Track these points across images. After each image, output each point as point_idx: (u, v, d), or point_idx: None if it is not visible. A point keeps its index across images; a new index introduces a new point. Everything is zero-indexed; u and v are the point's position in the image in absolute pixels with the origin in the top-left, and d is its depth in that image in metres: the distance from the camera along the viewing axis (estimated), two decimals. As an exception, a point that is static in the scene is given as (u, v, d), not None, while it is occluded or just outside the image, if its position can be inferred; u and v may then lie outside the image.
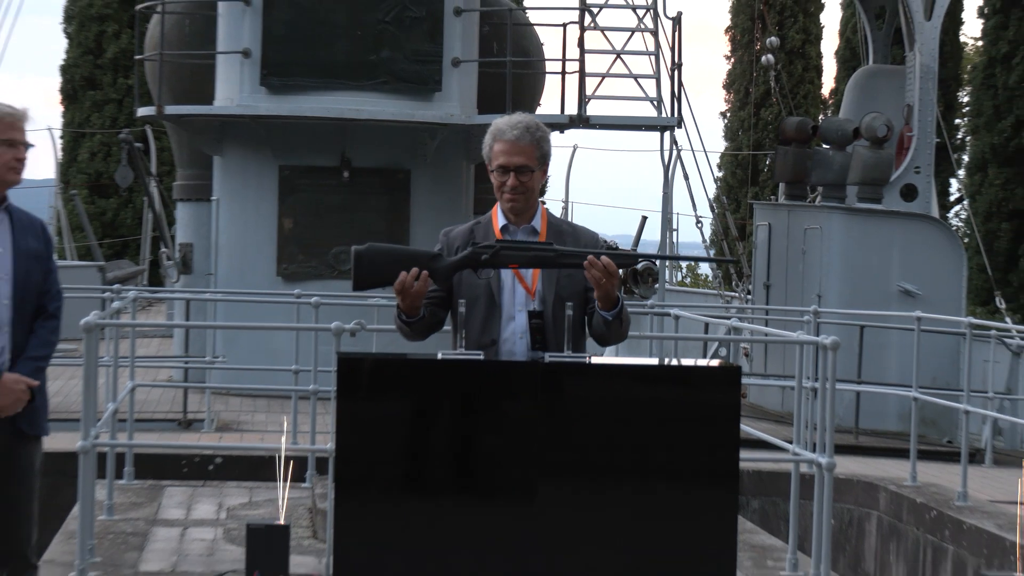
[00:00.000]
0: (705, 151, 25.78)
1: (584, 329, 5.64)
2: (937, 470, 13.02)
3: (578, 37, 17.80)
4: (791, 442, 9.36)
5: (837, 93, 34.22)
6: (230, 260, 17.38)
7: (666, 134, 18.30)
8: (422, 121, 17.11)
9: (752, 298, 19.90)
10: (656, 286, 15.55)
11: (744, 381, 16.03)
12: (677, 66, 18.26)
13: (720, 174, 36.78)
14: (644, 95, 18.09)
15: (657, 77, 18.08)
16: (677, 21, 18.31)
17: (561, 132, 18.65)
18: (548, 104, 20.08)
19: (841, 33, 34.81)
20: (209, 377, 16.07)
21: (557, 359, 5.32)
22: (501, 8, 18.53)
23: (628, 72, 18.06)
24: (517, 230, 5.64)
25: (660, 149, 18.33)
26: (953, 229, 23.34)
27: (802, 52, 37.75)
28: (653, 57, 18.26)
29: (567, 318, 5.43)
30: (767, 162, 33.91)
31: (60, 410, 12.80)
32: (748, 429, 9.36)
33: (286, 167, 17.16)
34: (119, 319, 12.14)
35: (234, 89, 17.35)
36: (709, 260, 17.73)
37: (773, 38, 33.04)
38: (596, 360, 5.61)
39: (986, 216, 29.71)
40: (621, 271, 5.41)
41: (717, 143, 41.32)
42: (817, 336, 9.77)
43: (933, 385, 14.91)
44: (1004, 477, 12.98)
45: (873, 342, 16.56)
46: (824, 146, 19.18)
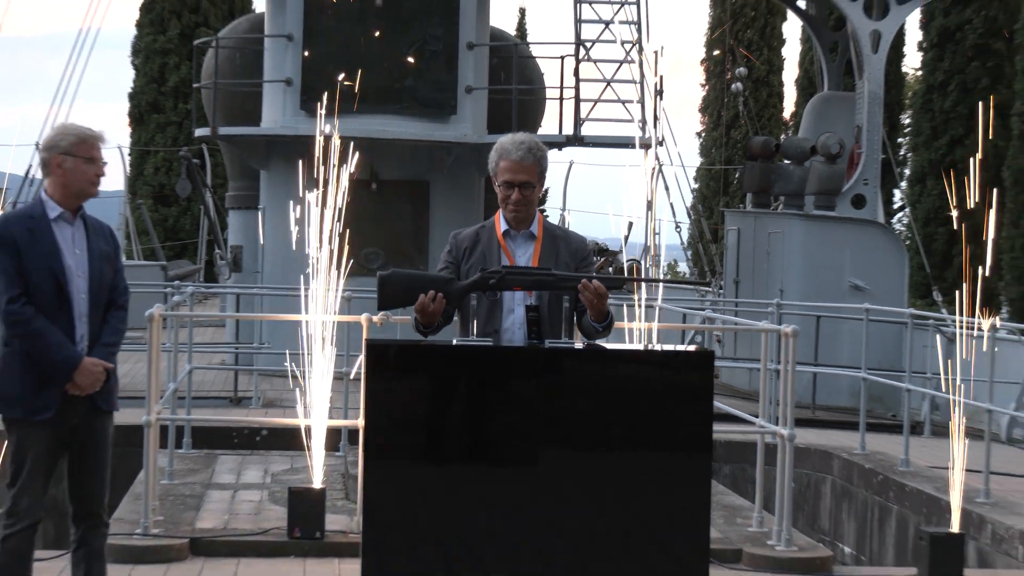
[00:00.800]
0: (683, 166, 25.88)
1: (574, 321, 5.63)
2: (883, 440, 12.99)
3: (574, 68, 17.79)
4: (757, 416, 9.35)
5: (796, 116, 34.21)
6: (274, 260, 17.35)
7: (649, 151, 18.28)
8: (440, 140, 17.09)
9: (724, 292, 19.86)
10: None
11: (717, 364, 16.00)
12: (659, 93, 18.26)
13: (696, 186, 36.73)
14: (631, 118, 18.07)
15: (642, 102, 18.06)
16: (659, 54, 18.32)
17: (559, 149, 18.64)
18: (548, 125, 20.04)
19: (800, 64, 34.76)
20: (256, 361, 16.05)
21: (556, 345, 5.32)
22: (507, 43, 18.56)
23: (617, 98, 18.04)
24: (517, 235, 5.62)
25: (644, 164, 18.30)
26: (896, 233, 23.28)
27: (766, 81, 37.75)
28: (638, 85, 18.23)
29: (564, 310, 5.44)
30: (736, 175, 33.83)
31: (128, 389, 12.72)
32: (720, 405, 9.34)
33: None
34: (179, 311, 12.15)
35: (278, 112, 17.34)
36: (685, 284, 17.61)
37: (741, 69, 33.10)
38: (589, 346, 5.61)
39: (925, 221, 29.68)
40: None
41: (693, 159, 41.25)
42: (779, 325, 9.75)
43: (879, 367, 14.87)
44: (941, 446, 12.91)
45: (828, 330, 16.55)
46: (785, 161, 19.14)
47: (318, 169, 8.73)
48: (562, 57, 17.79)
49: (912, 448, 11.83)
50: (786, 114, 38.37)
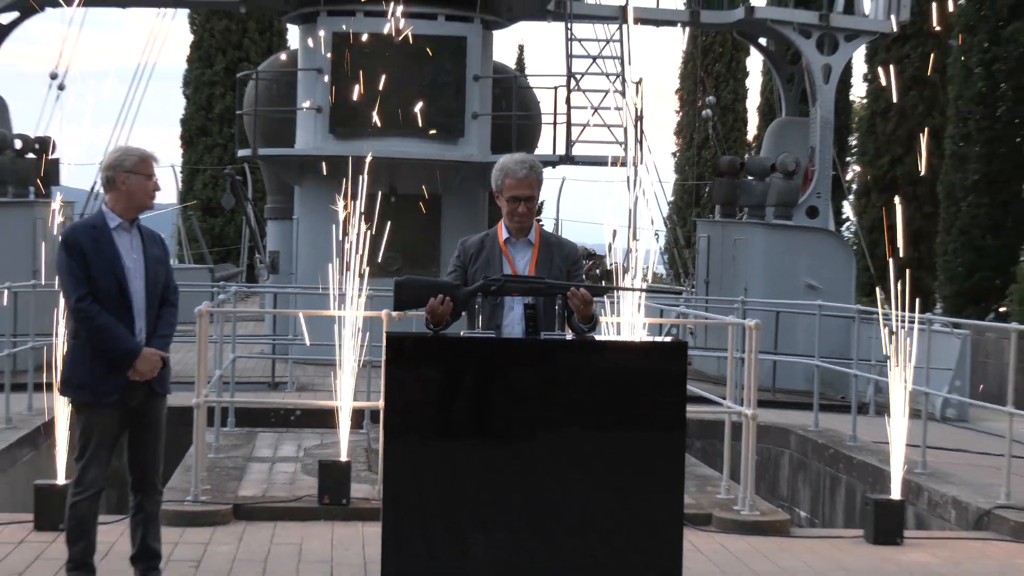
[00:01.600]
0: (660, 182, 25.76)
1: (564, 318, 5.64)
2: (833, 419, 12.97)
3: (566, 96, 17.77)
4: (725, 398, 9.34)
5: (758, 138, 34.15)
6: (307, 263, 17.34)
7: (631, 169, 18.25)
8: (450, 160, 17.08)
9: (696, 291, 19.85)
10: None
11: (690, 353, 15.99)
12: (639, 118, 18.23)
13: (672, 199, 36.70)
14: (615, 140, 18.04)
15: (624, 127, 18.03)
16: (639, 84, 18.29)
17: (553, 167, 18.60)
18: (543, 146, 20.00)
19: (762, 93, 34.68)
20: (291, 351, 16.04)
21: (551, 337, 5.33)
22: (508, 75, 18.54)
23: (603, 123, 18.02)
24: (517, 242, 5.65)
25: (627, 180, 18.28)
26: (845, 240, 23.26)
27: (732, 108, 37.68)
28: (621, 112, 18.21)
29: (557, 307, 5.45)
30: (707, 190, 33.79)
31: (180, 375, 12.72)
32: (693, 389, 9.33)
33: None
34: (224, 308, 12.12)
35: (309, 136, 17.32)
36: (662, 291, 17.58)
37: (711, 97, 33.05)
38: (580, 338, 5.60)
39: (869, 230, 29.61)
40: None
41: (669, 176, 41.25)
42: (744, 319, 9.74)
43: (831, 355, 14.85)
44: (884, 424, 12.91)
45: (786, 323, 16.53)
46: (749, 178, 19.13)
47: (347, 185, 8.74)
48: (555, 87, 17.79)
49: (859, 426, 11.82)
50: (749, 136, 38.30)
